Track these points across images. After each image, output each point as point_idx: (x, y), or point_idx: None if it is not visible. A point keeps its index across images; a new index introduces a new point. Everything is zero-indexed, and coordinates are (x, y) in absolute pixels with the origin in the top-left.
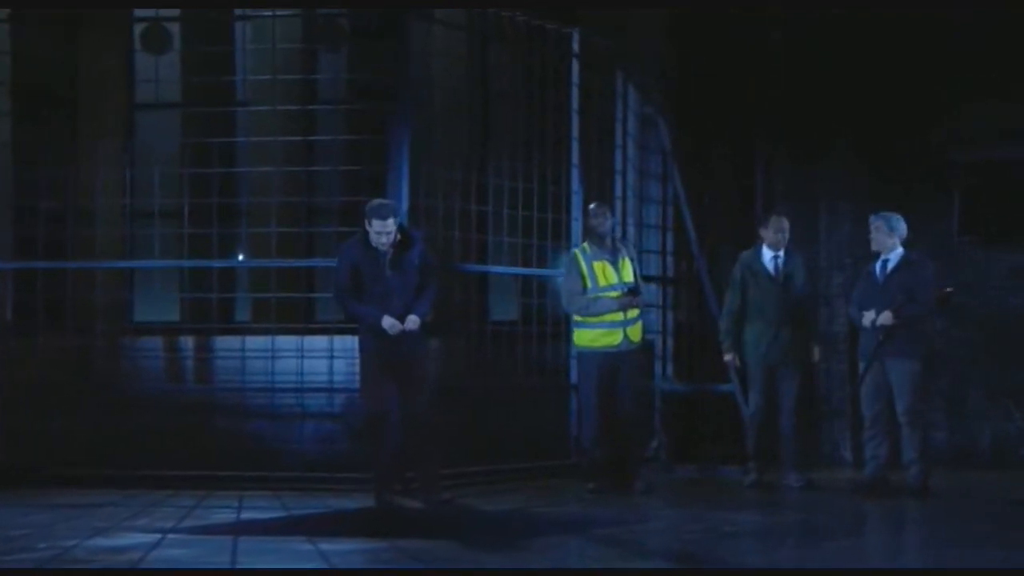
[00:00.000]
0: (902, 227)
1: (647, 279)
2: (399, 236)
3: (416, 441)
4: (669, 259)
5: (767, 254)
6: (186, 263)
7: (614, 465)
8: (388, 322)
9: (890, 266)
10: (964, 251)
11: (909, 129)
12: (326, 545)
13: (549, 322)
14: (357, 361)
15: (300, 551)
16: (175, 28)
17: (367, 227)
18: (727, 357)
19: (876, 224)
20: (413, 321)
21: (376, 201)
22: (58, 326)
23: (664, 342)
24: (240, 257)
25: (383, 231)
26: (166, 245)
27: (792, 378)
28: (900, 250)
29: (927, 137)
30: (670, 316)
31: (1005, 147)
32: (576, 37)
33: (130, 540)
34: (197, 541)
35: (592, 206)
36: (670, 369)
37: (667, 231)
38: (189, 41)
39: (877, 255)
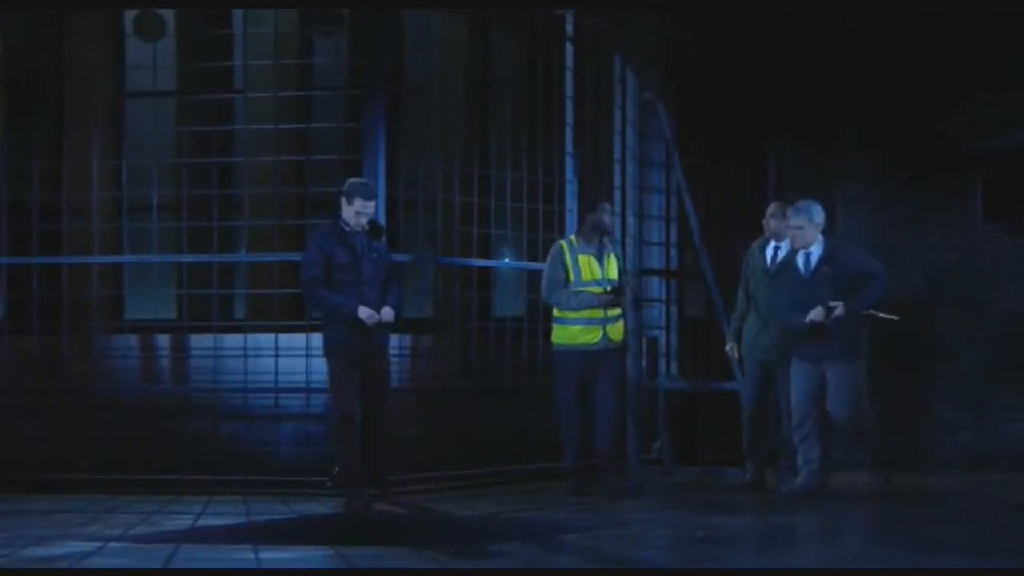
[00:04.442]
0: (822, 216)
1: (650, 272)
2: (368, 226)
3: (375, 439)
4: (673, 251)
5: (770, 244)
6: (154, 258)
7: (597, 468)
8: (366, 312)
9: (814, 259)
10: (987, 241)
11: (925, 115)
12: (268, 554)
13: (542, 318)
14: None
15: (238, 559)
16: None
17: (345, 206)
18: (727, 347)
19: (797, 221)
20: (389, 313)
21: (359, 179)
22: (26, 325)
23: (667, 338)
24: (243, 252)
25: (364, 211)
26: (147, 240)
27: (786, 376)
28: (821, 239)
29: (943, 123)
30: (674, 311)
31: None
32: (569, 19)
33: (67, 549)
34: (136, 550)
35: (605, 204)
36: (674, 366)
37: (670, 222)
38: (183, 26)
39: (791, 249)
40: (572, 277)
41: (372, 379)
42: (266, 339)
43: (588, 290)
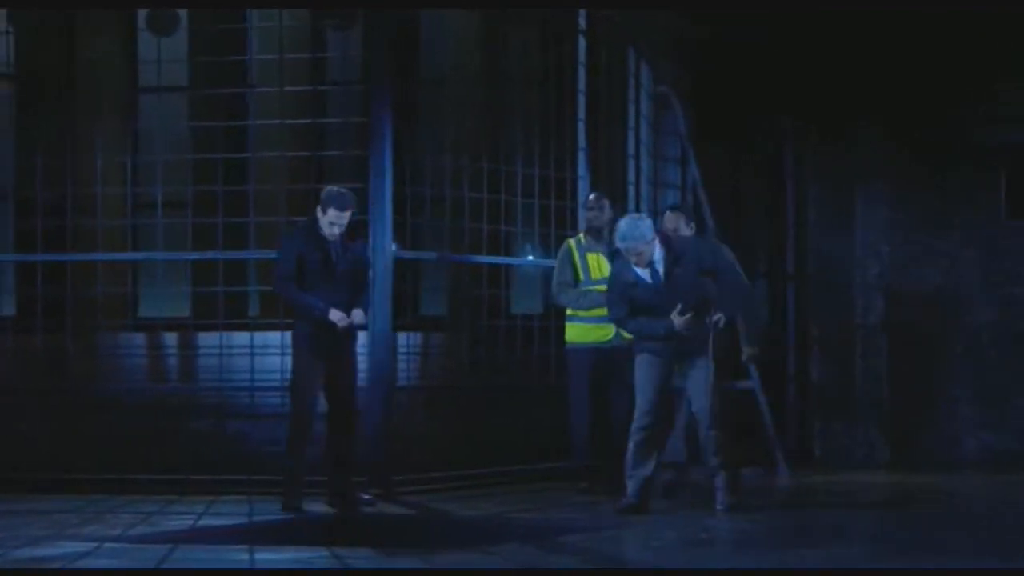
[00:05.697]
0: (651, 227)
1: None
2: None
3: (341, 440)
4: None
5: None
6: (160, 255)
7: (606, 468)
8: (336, 315)
9: (660, 266)
10: (1011, 236)
11: (947, 108)
12: (263, 554)
13: (555, 316)
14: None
15: (232, 560)
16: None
17: (319, 214)
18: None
19: (635, 247)
20: (359, 315)
21: (336, 188)
22: (29, 324)
23: None
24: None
25: (337, 222)
26: (147, 237)
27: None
28: (657, 244)
29: (966, 117)
30: None
31: None
32: (583, 12)
33: (61, 549)
34: (131, 550)
35: (590, 197)
36: None
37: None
38: (196, 21)
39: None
40: (582, 276)
41: (339, 376)
42: (273, 337)
43: (598, 288)
